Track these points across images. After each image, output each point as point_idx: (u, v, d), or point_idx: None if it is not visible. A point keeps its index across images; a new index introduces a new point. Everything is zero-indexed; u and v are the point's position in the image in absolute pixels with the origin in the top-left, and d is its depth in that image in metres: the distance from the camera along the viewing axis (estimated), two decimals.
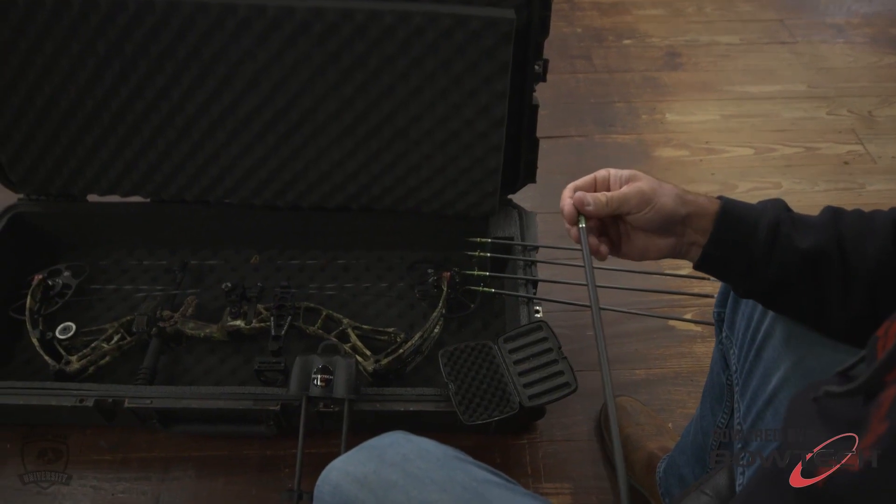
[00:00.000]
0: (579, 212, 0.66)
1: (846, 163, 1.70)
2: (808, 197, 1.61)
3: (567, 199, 0.67)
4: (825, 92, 1.90)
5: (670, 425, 1.19)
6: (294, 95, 1.14)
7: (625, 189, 0.65)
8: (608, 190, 0.67)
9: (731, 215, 0.63)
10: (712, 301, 1.36)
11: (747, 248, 0.62)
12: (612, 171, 0.68)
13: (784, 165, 1.70)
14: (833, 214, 0.62)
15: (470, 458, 0.67)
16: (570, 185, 0.68)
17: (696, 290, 1.37)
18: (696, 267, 0.67)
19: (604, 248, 0.67)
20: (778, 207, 0.63)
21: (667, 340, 1.35)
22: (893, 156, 1.71)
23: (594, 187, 0.68)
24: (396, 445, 0.67)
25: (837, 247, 0.59)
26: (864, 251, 0.59)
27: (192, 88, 1.14)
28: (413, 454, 0.65)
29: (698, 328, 1.36)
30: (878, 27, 2.13)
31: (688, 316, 1.38)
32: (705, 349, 1.33)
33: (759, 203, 0.65)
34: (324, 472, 0.67)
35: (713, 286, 1.36)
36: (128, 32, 1.08)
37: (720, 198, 0.64)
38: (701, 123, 1.81)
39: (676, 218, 0.63)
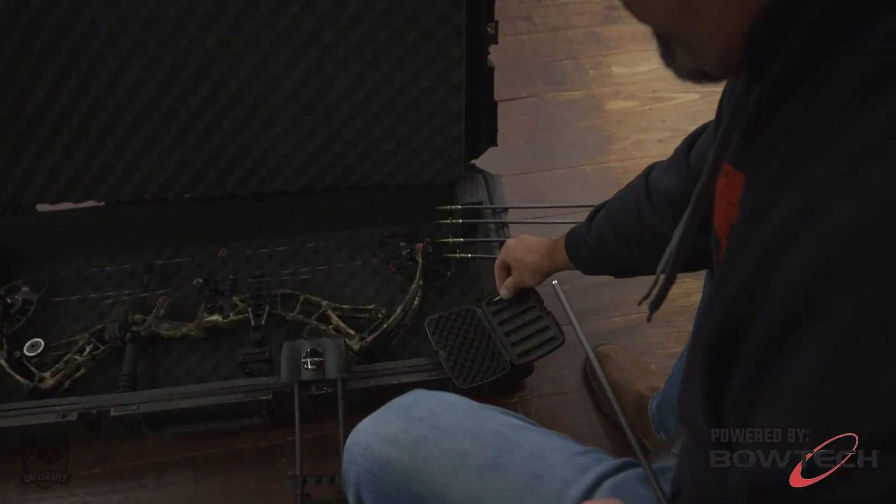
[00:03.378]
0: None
1: None
2: None
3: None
4: None
5: (653, 367, 1.23)
6: (247, 79, 1.11)
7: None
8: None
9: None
10: None
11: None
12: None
13: None
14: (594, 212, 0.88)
15: (492, 406, 0.69)
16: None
17: None
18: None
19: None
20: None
21: (640, 285, 1.35)
22: None
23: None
24: (422, 402, 0.67)
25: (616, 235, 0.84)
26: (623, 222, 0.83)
27: (139, 81, 1.10)
28: (439, 408, 0.66)
29: None
30: None
31: None
32: (677, 290, 1.36)
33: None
34: (351, 436, 0.67)
35: None
36: (64, 29, 1.03)
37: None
38: (646, 73, 1.84)
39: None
